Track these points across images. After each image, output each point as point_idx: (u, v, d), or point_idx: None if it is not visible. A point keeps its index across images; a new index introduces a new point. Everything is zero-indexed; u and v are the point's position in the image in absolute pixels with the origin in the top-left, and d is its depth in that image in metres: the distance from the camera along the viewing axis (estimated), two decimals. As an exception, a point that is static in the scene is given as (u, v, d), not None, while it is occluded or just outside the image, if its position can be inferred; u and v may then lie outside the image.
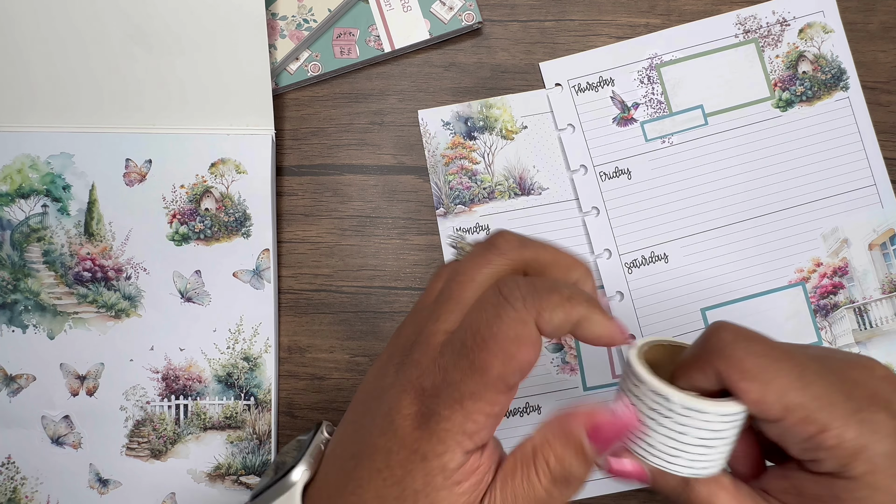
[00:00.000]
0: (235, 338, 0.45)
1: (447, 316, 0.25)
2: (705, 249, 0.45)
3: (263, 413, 0.44)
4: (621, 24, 0.48)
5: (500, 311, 0.23)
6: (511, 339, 0.23)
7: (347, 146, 0.48)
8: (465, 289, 0.25)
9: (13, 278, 0.45)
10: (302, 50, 0.47)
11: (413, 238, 0.47)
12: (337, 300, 0.46)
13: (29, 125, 0.45)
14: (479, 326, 0.23)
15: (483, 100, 0.47)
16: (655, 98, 0.47)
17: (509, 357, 0.23)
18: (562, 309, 0.23)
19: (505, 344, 0.23)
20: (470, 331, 0.23)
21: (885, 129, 0.46)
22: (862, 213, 0.45)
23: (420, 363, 0.24)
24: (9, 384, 0.44)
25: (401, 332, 0.27)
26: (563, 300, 0.24)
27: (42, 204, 0.45)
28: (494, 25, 0.48)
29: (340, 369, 0.46)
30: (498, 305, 0.23)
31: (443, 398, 0.23)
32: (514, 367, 0.23)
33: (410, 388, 0.24)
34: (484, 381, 0.23)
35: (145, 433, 0.44)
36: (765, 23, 0.47)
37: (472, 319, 0.24)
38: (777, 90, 0.47)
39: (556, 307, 0.23)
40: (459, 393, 0.23)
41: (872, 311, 0.45)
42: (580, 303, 0.24)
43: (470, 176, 0.47)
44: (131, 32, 0.45)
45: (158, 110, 0.45)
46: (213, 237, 0.45)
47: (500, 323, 0.23)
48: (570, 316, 0.24)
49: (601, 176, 0.46)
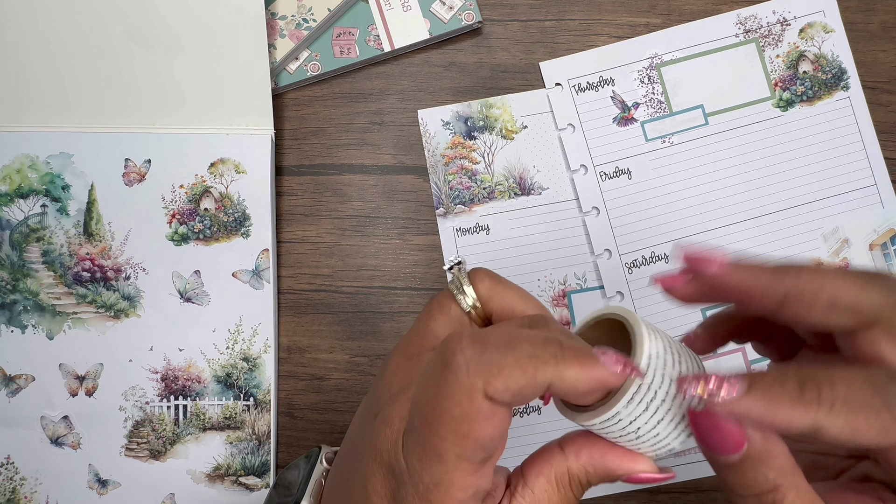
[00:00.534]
0: (235, 338, 0.45)
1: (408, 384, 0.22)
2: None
3: (263, 413, 0.44)
4: (621, 23, 0.48)
5: (442, 383, 0.19)
6: (458, 419, 0.19)
7: (347, 146, 0.48)
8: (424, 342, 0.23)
9: (12, 278, 0.45)
10: (301, 49, 0.47)
11: (413, 238, 0.47)
12: (336, 300, 0.46)
13: (28, 125, 0.45)
14: (422, 405, 0.20)
15: (483, 99, 0.47)
16: (656, 98, 0.47)
17: (462, 438, 0.19)
18: (521, 371, 0.19)
19: (452, 424, 0.19)
20: (416, 410, 0.20)
21: (886, 128, 0.46)
22: (862, 213, 0.45)
23: (386, 438, 0.21)
24: (8, 384, 0.44)
25: (386, 367, 0.25)
26: (522, 359, 0.19)
27: (41, 204, 0.45)
28: (494, 25, 0.48)
29: (340, 369, 0.45)
30: (439, 376, 0.20)
31: (409, 488, 0.20)
32: (473, 447, 0.19)
33: (381, 464, 0.21)
34: (443, 468, 0.19)
35: (144, 433, 0.44)
36: (765, 22, 0.47)
37: (417, 396, 0.20)
38: (777, 90, 0.47)
39: (511, 370, 0.19)
40: (423, 485, 0.20)
41: (873, 311, 0.45)
42: (545, 359, 0.19)
43: (470, 176, 0.47)
44: (131, 32, 0.44)
45: (158, 110, 0.45)
46: (212, 237, 0.45)
47: (443, 399, 0.19)
48: (535, 380, 0.19)
49: (601, 176, 0.46)
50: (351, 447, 0.24)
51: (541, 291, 0.45)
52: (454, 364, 0.19)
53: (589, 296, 0.45)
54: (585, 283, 0.45)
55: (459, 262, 0.25)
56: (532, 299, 0.24)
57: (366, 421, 0.23)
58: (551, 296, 0.45)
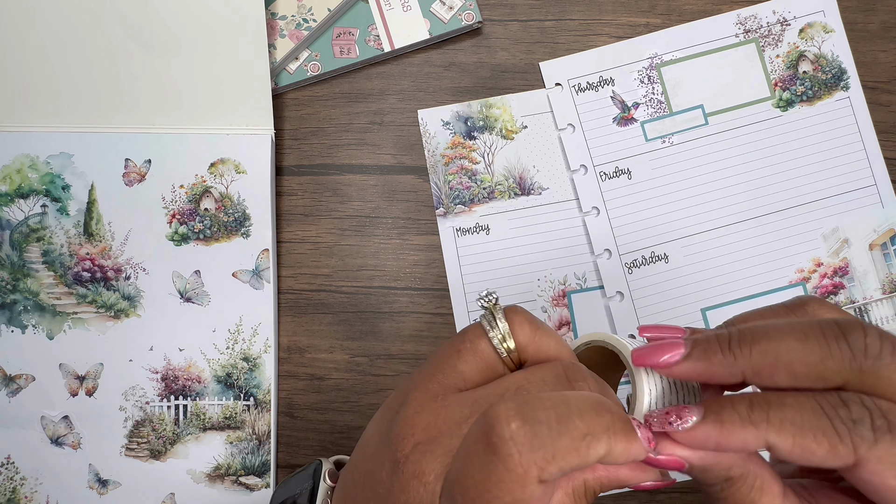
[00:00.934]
0: (235, 338, 0.45)
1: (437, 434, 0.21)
2: (705, 249, 0.45)
3: (263, 413, 0.44)
4: (621, 23, 0.48)
5: (491, 471, 0.19)
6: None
7: (347, 146, 0.48)
8: (450, 382, 0.22)
9: (12, 278, 0.45)
10: (301, 50, 0.47)
11: (413, 238, 0.47)
12: (336, 300, 0.46)
13: (28, 125, 0.45)
14: (467, 488, 0.19)
15: (483, 100, 0.47)
16: (655, 98, 0.47)
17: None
18: (576, 454, 0.19)
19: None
20: (459, 489, 0.19)
21: (886, 128, 0.46)
22: (862, 213, 0.45)
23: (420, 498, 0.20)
24: (8, 384, 0.44)
25: (406, 401, 0.23)
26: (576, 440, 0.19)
27: (41, 204, 0.45)
28: (494, 25, 0.48)
29: (340, 369, 0.46)
30: (487, 462, 0.19)
31: None
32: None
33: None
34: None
35: (145, 433, 0.44)
36: (765, 22, 0.47)
37: (461, 476, 0.19)
38: (777, 90, 0.47)
39: (566, 454, 0.19)
40: None
41: (873, 311, 0.45)
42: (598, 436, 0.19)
43: (470, 176, 0.47)
44: (131, 32, 0.44)
45: (158, 110, 0.45)
46: (212, 237, 0.45)
47: (493, 486, 0.19)
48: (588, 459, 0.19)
49: (601, 176, 0.46)
50: (367, 484, 0.23)
51: (541, 291, 0.45)
52: (504, 452, 0.18)
53: (589, 296, 0.45)
54: (585, 283, 0.45)
55: (495, 296, 0.24)
56: (563, 343, 0.24)
57: (384, 461, 0.22)
58: (551, 296, 0.45)
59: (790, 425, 0.19)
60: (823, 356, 0.20)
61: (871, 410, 0.19)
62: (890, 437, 0.19)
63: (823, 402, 0.20)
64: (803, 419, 0.19)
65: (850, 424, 0.19)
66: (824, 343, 0.20)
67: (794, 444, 0.19)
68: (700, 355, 0.21)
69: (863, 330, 0.20)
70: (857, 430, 0.19)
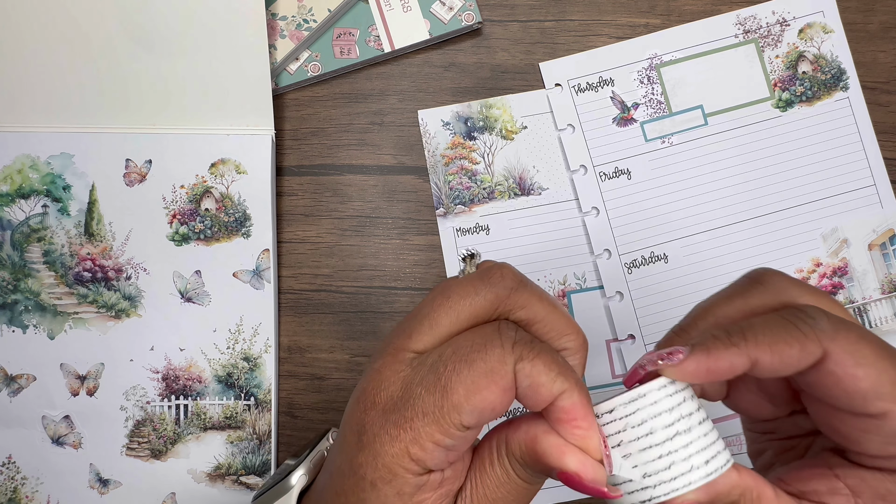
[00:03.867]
0: (235, 338, 0.45)
1: (418, 337, 0.24)
2: (705, 249, 0.45)
3: (263, 413, 0.44)
4: (621, 24, 0.48)
5: (488, 343, 0.22)
6: (483, 372, 0.21)
7: (347, 146, 0.48)
8: (441, 314, 0.24)
9: (13, 278, 0.45)
10: (302, 50, 0.47)
11: (413, 238, 0.47)
12: (337, 300, 0.46)
13: (29, 125, 0.45)
14: (462, 349, 0.22)
15: (483, 100, 0.47)
16: (655, 98, 0.47)
17: (474, 389, 0.21)
18: (546, 374, 0.21)
19: (475, 375, 0.21)
20: (452, 349, 0.23)
21: (885, 129, 0.46)
22: (862, 213, 0.45)
23: (380, 373, 0.23)
24: (9, 384, 0.44)
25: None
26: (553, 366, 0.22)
27: (42, 204, 0.45)
28: (494, 25, 0.48)
29: (340, 369, 0.46)
30: (487, 338, 0.22)
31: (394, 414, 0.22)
32: (474, 403, 0.21)
33: (363, 399, 0.23)
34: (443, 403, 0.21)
35: (145, 433, 0.44)
36: (765, 23, 0.47)
37: (460, 342, 0.23)
38: (777, 90, 0.47)
39: (543, 368, 0.22)
40: (413, 410, 0.22)
41: (872, 311, 0.45)
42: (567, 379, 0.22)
43: (470, 176, 0.47)
44: (132, 32, 0.45)
45: (158, 110, 0.45)
46: (213, 237, 0.45)
47: (482, 353, 0.22)
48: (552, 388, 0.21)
49: (601, 176, 0.46)
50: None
51: (541, 291, 0.46)
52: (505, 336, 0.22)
53: (589, 296, 0.45)
54: (585, 283, 0.46)
55: (473, 254, 0.26)
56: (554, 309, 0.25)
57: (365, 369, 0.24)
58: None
59: (764, 338, 0.22)
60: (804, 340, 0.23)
61: (825, 312, 0.23)
62: (846, 328, 0.22)
63: (786, 314, 0.23)
64: (774, 331, 0.22)
65: (811, 322, 0.22)
66: (802, 326, 0.23)
67: (772, 353, 0.22)
68: (702, 349, 0.23)
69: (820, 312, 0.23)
70: (818, 325, 0.22)
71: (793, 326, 0.22)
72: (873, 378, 0.22)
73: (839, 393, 0.22)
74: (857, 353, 0.22)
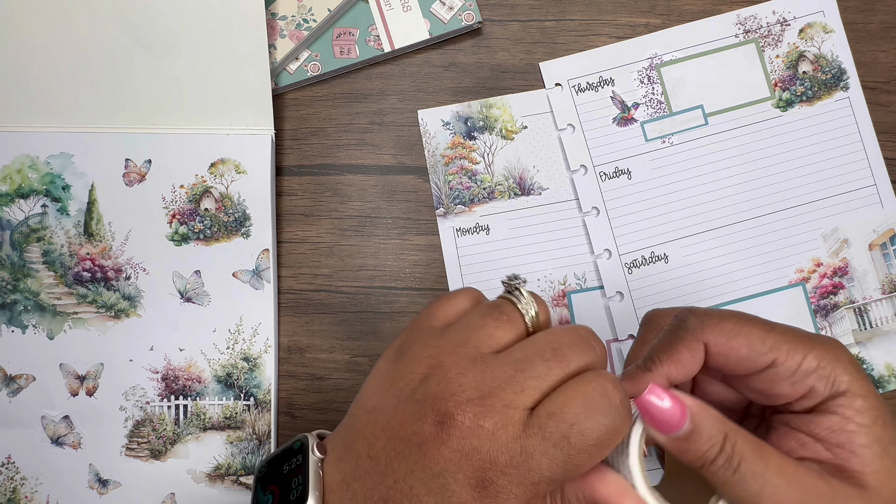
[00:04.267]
0: (235, 338, 0.45)
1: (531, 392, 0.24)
2: (705, 249, 0.45)
3: (263, 413, 0.44)
4: (621, 24, 0.48)
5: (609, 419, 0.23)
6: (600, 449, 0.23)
7: (347, 146, 0.48)
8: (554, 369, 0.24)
9: (13, 278, 0.45)
10: (302, 50, 0.47)
11: (413, 238, 0.47)
12: (337, 300, 0.46)
13: (28, 125, 0.45)
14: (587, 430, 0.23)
15: (483, 100, 0.47)
16: (655, 98, 0.47)
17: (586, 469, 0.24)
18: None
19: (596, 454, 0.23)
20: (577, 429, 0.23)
21: (885, 129, 0.46)
22: (862, 213, 0.45)
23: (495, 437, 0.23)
24: (8, 384, 0.44)
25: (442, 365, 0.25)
26: None
27: (42, 204, 0.45)
28: (494, 25, 0.48)
29: (340, 369, 0.46)
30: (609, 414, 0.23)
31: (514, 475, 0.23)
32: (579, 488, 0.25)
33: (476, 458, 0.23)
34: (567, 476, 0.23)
35: (145, 433, 0.44)
36: (765, 23, 0.47)
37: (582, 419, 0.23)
38: (777, 90, 0.47)
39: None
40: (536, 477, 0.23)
41: (872, 311, 0.45)
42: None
43: (470, 176, 0.47)
44: (131, 32, 0.45)
45: (158, 110, 0.45)
46: (212, 237, 0.45)
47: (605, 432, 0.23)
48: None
49: (601, 176, 0.46)
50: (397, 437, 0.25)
51: (541, 291, 0.45)
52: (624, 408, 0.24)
53: (589, 296, 0.45)
54: (585, 283, 0.46)
55: (516, 283, 0.28)
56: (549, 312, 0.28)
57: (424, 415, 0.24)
58: (551, 296, 0.45)
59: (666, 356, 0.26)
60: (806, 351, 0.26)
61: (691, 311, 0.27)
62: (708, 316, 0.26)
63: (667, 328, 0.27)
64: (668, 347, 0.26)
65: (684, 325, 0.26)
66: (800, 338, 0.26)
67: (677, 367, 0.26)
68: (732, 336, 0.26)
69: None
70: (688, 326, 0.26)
71: (673, 336, 0.26)
72: (747, 344, 0.25)
73: (735, 366, 0.26)
74: (725, 332, 0.25)
